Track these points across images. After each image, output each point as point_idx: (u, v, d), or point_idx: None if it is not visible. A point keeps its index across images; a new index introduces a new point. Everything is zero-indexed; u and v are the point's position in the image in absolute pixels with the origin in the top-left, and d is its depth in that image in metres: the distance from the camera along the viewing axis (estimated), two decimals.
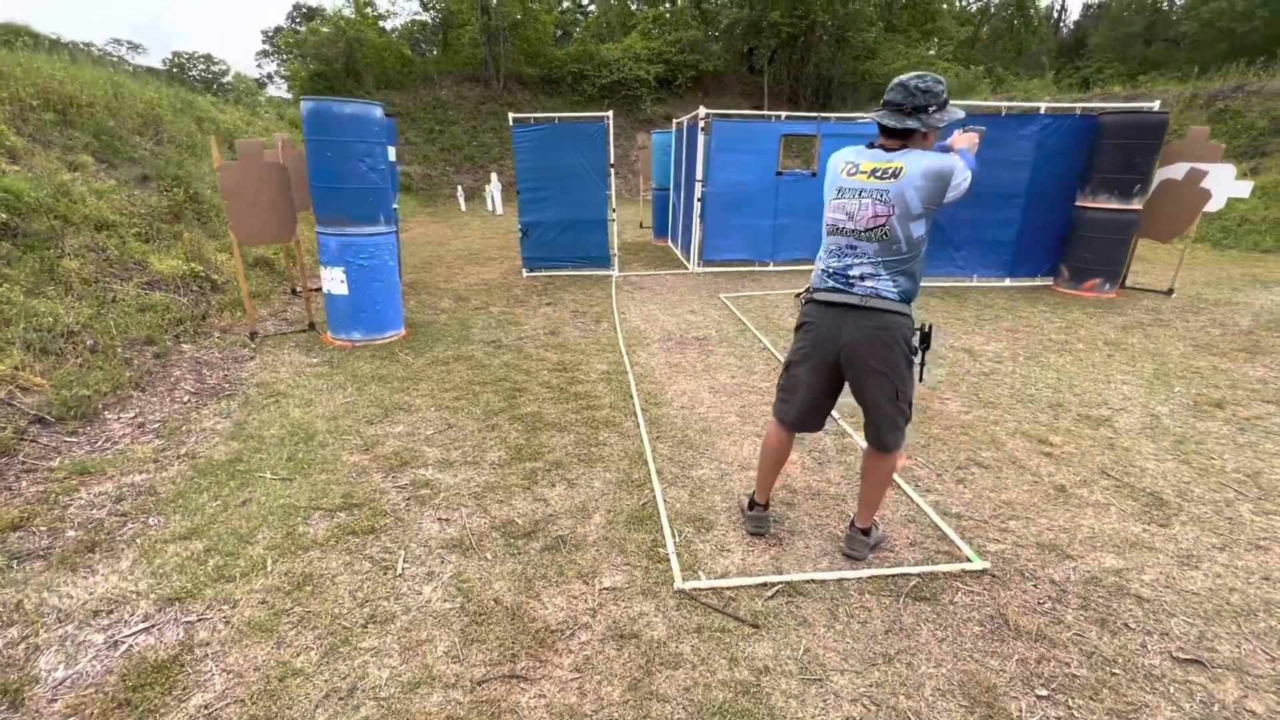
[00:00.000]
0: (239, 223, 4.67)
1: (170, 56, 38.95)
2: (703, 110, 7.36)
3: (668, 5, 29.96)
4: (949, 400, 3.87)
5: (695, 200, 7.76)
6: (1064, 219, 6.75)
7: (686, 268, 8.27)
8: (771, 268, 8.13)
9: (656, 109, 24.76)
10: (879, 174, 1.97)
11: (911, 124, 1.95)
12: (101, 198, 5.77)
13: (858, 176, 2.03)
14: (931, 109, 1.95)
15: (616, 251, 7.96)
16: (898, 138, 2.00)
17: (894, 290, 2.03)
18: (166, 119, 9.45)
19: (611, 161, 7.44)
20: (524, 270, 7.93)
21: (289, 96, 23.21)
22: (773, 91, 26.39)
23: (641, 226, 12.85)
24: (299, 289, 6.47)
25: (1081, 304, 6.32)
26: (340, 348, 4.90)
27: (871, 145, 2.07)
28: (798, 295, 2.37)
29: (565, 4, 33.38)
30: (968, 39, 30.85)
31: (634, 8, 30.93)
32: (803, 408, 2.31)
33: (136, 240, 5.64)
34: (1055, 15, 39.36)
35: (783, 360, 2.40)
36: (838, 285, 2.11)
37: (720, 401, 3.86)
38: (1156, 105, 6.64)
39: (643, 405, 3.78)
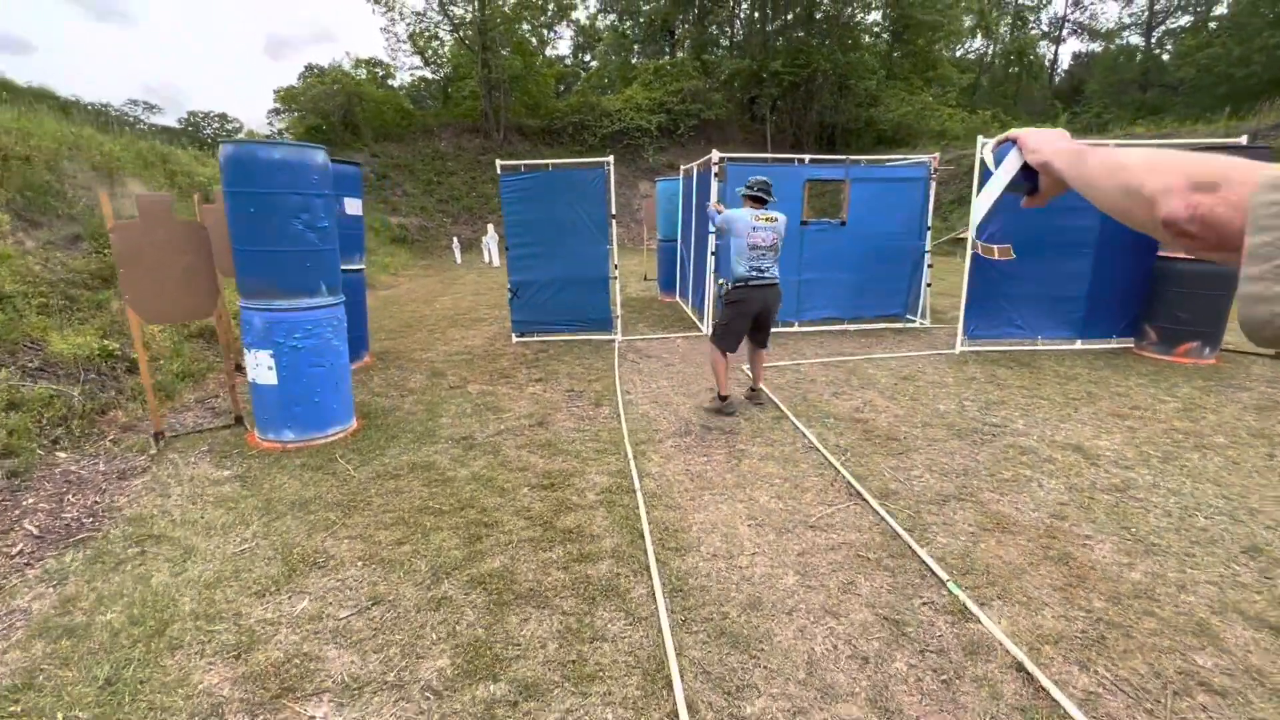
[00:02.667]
0: (139, 295, 3.67)
1: (186, 116, 39.60)
2: (716, 154, 6.50)
3: (668, 57, 30.24)
4: (1091, 539, 2.73)
5: (708, 254, 6.82)
6: (1143, 271, 5.74)
7: (699, 330, 7.26)
8: (796, 328, 7.12)
9: (659, 157, 24.45)
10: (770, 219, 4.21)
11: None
12: (2, 263, 4.82)
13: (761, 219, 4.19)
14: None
15: (619, 313, 6.97)
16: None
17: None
18: (131, 171, 8.71)
19: (613, 212, 6.54)
20: (514, 335, 6.92)
21: None
22: (775, 139, 26.16)
23: (646, 279, 11.96)
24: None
25: (1181, 373, 5.23)
26: (267, 451, 3.82)
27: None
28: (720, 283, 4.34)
29: (568, 60, 33.87)
30: (969, 85, 30.93)
31: (634, 61, 31.24)
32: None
33: (37, 314, 4.65)
34: (1050, 62, 39.91)
35: (835, 463, 3.40)
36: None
37: (767, 543, 2.74)
38: (1244, 140, 5.74)
39: (659, 553, 2.66)
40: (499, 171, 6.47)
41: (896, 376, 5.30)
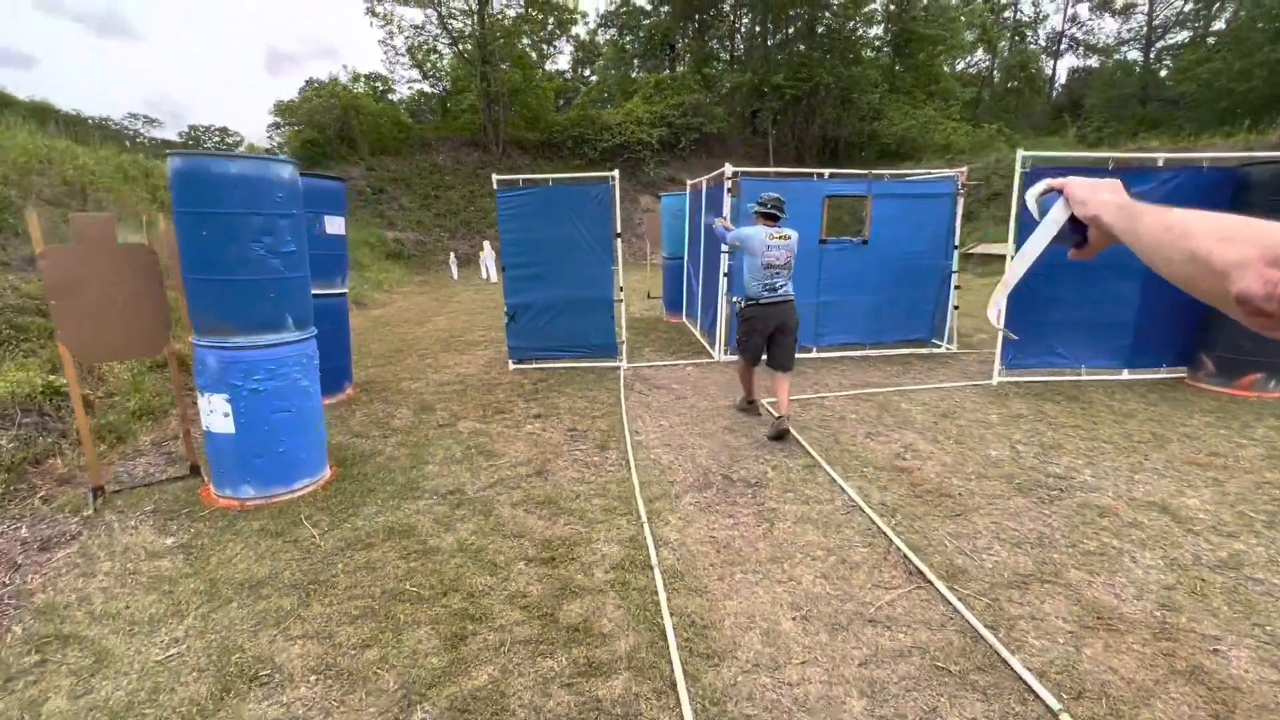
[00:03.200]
0: (74, 331, 3.16)
1: (186, 130, 39.37)
2: (729, 168, 6.05)
3: (669, 71, 30.07)
4: (1220, 641, 2.21)
5: (720, 275, 6.34)
6: None
7: (711, 356, 6.76)
8: (815, 354, 6.62)
9: (660, 171, 24.13)
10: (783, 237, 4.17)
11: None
12: None
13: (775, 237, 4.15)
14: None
15: (624, 338, 6.47)
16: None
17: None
18: (108, 185, 8.25)
19: (618, 230, 6.07)
20: (510, 362, 6.42)
21: None
22: (778, 152, 25.89)
23: (649, 297, 11.48)
24: None
25: (1249, 409, 4.74)
26: (223, 510, 3.30)
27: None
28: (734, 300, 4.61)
29: (568, 75, 33.73)
30: (972, 99, 30.78)
31: (635, 75, 31.08)
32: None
33: None
34: (1048, 77, 39.91)
35: (886, 529, 2.99)
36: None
37: (819, 646, 2.21)
38: None
39: (686, 661, 2.13)
40: (495, 186, 6.00)
41: (934, 413, 4.80)
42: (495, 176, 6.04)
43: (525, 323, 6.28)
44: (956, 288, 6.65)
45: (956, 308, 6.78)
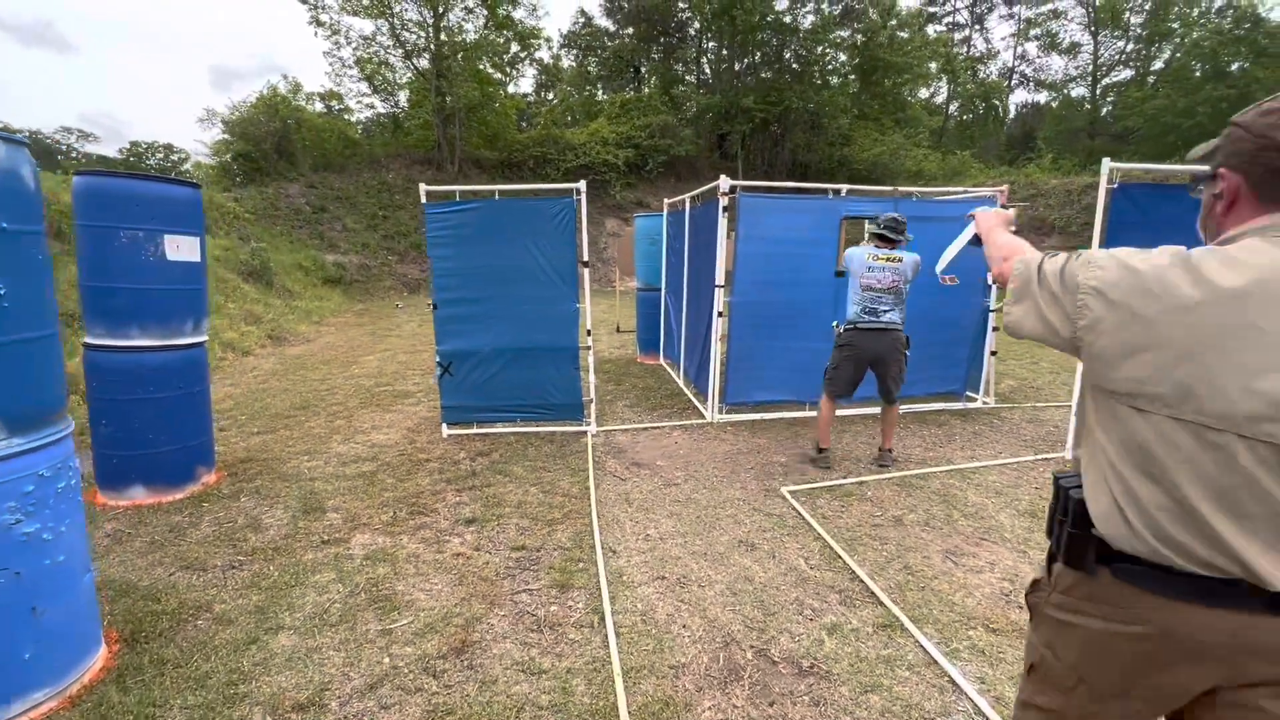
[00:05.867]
0: None
1: (127, 146, 36.52)
2: (725, 181, 4.81)
3: (633, 89, 29.33)
4: None
5: (714, 315, 5.05)
6: None
7: (701, 413, 5.42)
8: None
9: (626, 194, 23.07)
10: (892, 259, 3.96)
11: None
12: None
13: (880, 259, 3.96)
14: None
15: (594, 396, 5.07)
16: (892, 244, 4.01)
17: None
18: None
19: (584, 257, 4.73)
20: (444, 425, 4.94)
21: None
22: (747, 176, 25.22)
23: (619, 331, 10.14)
24: None
25: None
26: None
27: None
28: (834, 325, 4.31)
29: (530, 99, 32.63)
30: (938, 129, 31.05)
31: (600, 95, 30.25)
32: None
33: None
34: (1001, 110, 41.22)
35: None
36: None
37: None
38: None
39: None
40: (424, 200, 4.59)
41: (1017, 509, 3.56)
42: (424, 188, 4.63)
43: (464, 376, 4.83)
44: (994, 329, 5.54)
45: (994, 353, 5.66)
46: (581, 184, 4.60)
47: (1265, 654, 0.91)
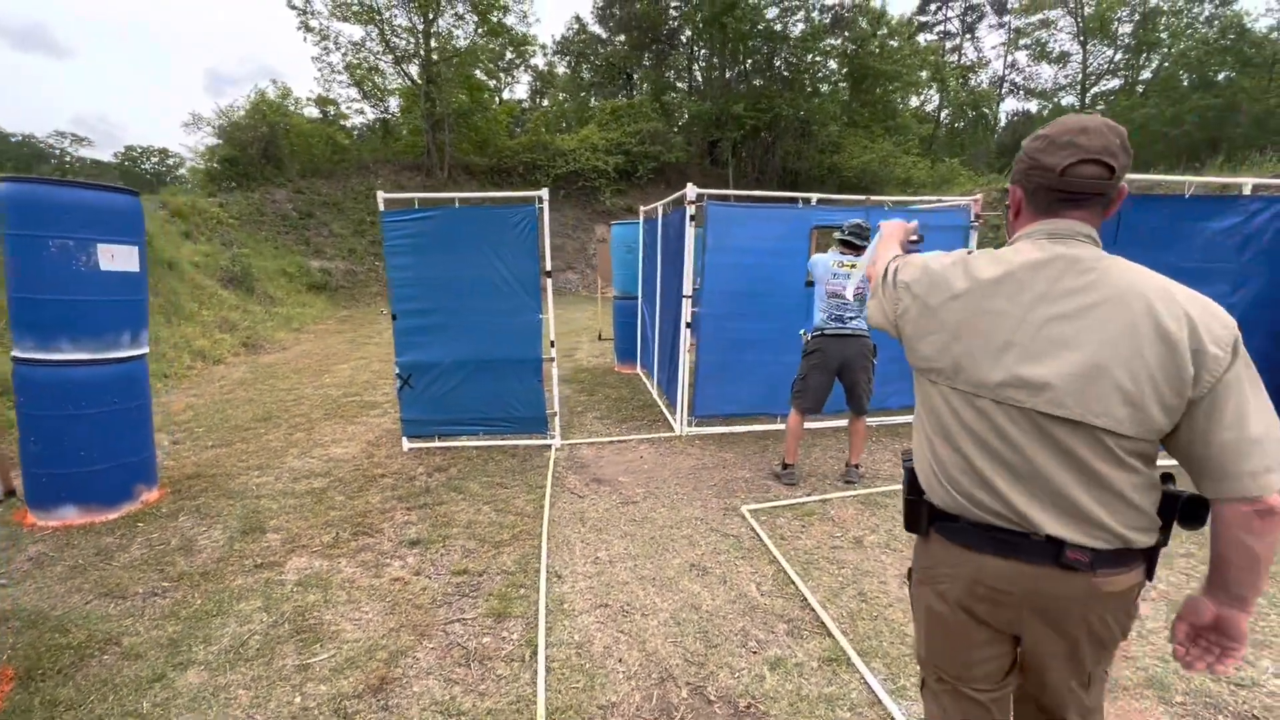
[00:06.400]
0: None
1: (122, 150, 36.35)
2: (691, 190, 4.70)
3: (624, 96, 29.32)
4: None
5: (682, 326, 4.93)
6: None
7: (671, 425, 5.30)
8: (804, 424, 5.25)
9: (616, 200, 23.03)
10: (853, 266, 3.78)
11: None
12: None
13: (845, 266, 3.81)
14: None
15: (557, 409, 4.94)
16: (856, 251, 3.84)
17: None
18: None
19: (547, 267, 4.61)
20: (405, 439, 4.80)
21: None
22: (738, 183, 25.22)
23: (601, 339, 10.03)
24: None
25: None
26: None
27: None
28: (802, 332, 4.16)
29: (525, 105, 32.58)
30: (928, 136, 31.17)
31: (592, 102, 30.24)
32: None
33: None
34: (992, 118, 41.44)
35: None
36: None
37: None
38: None
39: None
40: (380, 206, 4.47)
41: None
42: (381, 195, 4.51)
43: (425, 388, 4.69)
44: None
45: None
46: (544, 192, 4.47)
47: (1056, 604, 1.07)
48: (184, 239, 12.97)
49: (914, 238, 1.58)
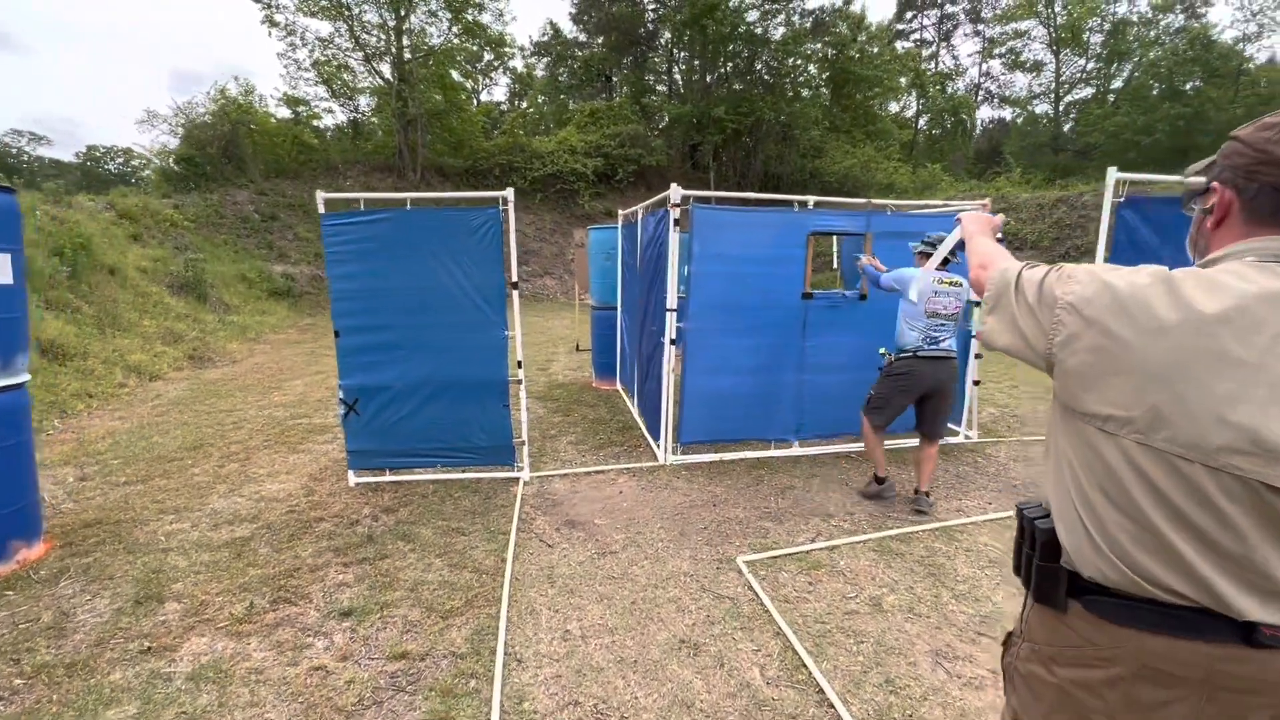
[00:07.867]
0: None
1: (84, 150, 34.69)
2: (676, 191, 4.20)
3: (603, 98, 28.84)
4: None
5: (665, 342, 4.43)
6: None
7: (654, 453, 4.78)
8: (797, 449, 4.78)
9: (595, 204, 22.52)
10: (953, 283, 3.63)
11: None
12: None
13: (945, 282, 3.59)
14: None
15: (525, 437, 4.39)
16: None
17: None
18: None
19: (514, 278, 4.06)
20: (350, 473, 4.20)
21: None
22: (719, 187, 24.89)
23: (579, 349, 9.49)
24: None
25: None
26: None
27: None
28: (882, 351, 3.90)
29: (504, 107, 31.89)
30: (908, 142, 31.26)
31: (570, 104, 29.69)
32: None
33: None
34: (968, 125, 41.99)
35: None
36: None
37: None
38: None
39: None
40: (321, 208, 3.89)
41: (1014, 585, 2.98)
42: (321, 195, 3.94)
43: (373, 415, 4.11)
44: (977, 356, 5.03)
45: (978, 382, 5.14)
46: (509, 192, 3.94)
47: (1241, 686, 0.88)
48: (131, 242, 12.12)
49: (998, 234, 1.38)
